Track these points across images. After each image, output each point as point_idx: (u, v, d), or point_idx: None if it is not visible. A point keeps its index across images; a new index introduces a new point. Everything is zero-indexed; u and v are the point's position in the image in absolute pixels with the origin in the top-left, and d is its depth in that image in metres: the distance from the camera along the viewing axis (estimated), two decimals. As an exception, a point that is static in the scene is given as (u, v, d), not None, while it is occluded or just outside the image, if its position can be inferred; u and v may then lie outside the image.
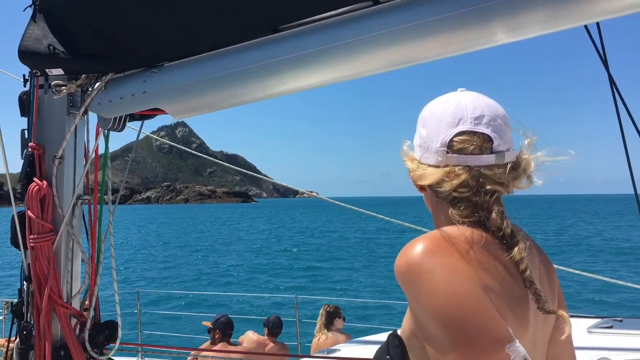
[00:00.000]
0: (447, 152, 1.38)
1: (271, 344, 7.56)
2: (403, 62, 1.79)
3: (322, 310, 7.66)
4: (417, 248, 1.25)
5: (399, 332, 1.41)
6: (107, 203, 2.55)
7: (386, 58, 1.79)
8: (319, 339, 7.40)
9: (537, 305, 1.31)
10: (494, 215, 1.34)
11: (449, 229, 1.34)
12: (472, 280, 1.20)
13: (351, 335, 7.68)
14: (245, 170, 6.80)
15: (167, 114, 2.28)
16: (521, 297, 1.31)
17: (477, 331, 1.14)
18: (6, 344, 7.77)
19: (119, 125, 2.42)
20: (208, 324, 7.38)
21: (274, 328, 7.70)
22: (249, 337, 7.68)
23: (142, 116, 2.45)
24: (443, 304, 1.17)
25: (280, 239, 60.24)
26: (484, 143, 1.38)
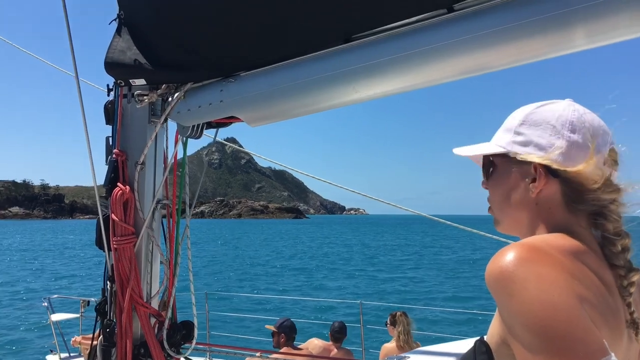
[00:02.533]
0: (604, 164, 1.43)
1: (335, 350, 7.63)
2: (476, 70, 1.80)
3: (396, 317, 7.65)
4: (510, 255, 1.25)
5: (485, 338, 1.42)
6: (184, 208, 2.69)
7: (460, 66, 1.80)
8: (392, 345, 7.43)
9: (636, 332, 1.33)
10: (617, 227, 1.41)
11: (544, 237, 1.36)
12: (567, 290, 1.20)
13: (420, 343, 7.65)
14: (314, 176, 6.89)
15: (242, 121, 2.39)
16: (615, 310, 1.30)
17: (572, 342, 1.12)
18: (82, 340, 8.24)
19: (196, 132, 2.55)
20: (271, 327, 7.54)
21: (337, 333, 7.77)
22: (314, 344, 7.78)
23: (219, 124, 2.56)
24: (536, 314, 1.16)
25: (340, 251, 60.40)
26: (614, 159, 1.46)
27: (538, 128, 1.48)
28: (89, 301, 10.69)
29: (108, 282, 2.64)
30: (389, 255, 50.84)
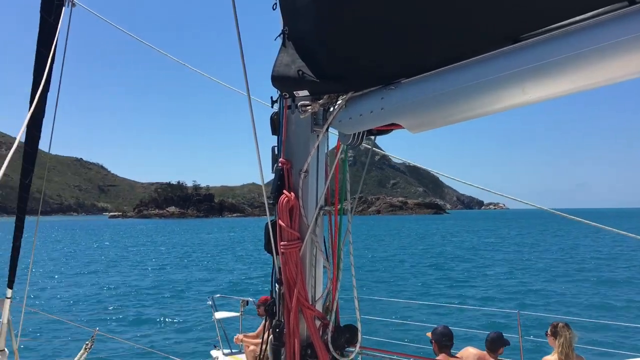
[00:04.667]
0: None
1: (491, 360, 7.39)
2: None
3: (557, 328, 7.23)
4: None
5: None
6: (346, 213, 2.80)
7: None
8: (553, 358, 7.05)
9: None
10: None
11: None
12: None
13: (583, 357, 7.18)
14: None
15: (403, 128, 2.43)
16: None
17: None
18: (243, 338, 8.77)
19: (357, 140, 2.65)
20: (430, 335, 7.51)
21: (494, 344, 7.53)
22: (469, 352, 7.60)
23: (379, 131, 2.63)
24: None
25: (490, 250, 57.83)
26: None
27: None
28: (247, 301, 11.44)
29: (276, 285, 2.84)
30: (544, 258, 47.69)
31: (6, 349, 5.92)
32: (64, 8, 4.95)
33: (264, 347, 2.98)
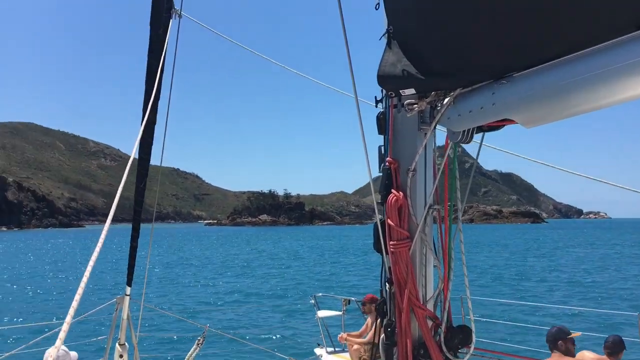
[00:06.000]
0: None
1: (609, 364, 6.97)
2: None
3: None
4: None
5: None
6: (456, 211, 2.78)
7: None
8: None
9: None
10: None
11: None
12: None
13: None
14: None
15: (515, 124, 2.38)
16: None
17: None
18: (347, 337, 8.85)
19: (466, 137, 2.61)
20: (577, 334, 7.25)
21: (612, 348, 7.09)
22: (586, 356, 7.23)
23: (490, 128, 2.59)
24: None
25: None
26: None
27: None
28: (349, 300, 11.55)
29: (386, 284, 2.87)
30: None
31: (126, 343, 6.38)
32: (171, 20, 5.26)
33: (373, 345, 3.02)
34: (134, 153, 4.08)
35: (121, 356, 6.23)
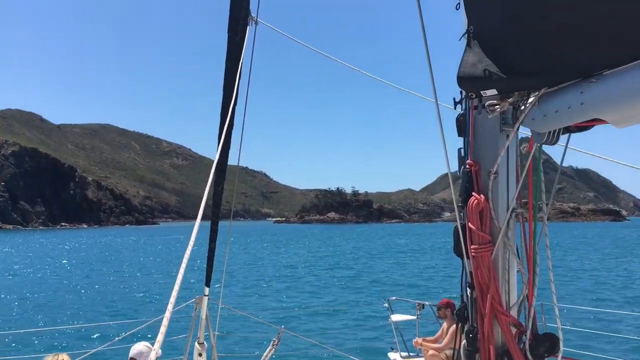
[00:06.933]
0: None
1: None
2: None
3: None
4: None
5: None
6: (541, 215, 2.73)
7: None
8: None
9: None
10: None
11: None
12: None
13: None
14: None
15: (606, 123, 2.31)
16: None
17: None
18: (423, 342, 8.80)
19: (552, 138, 2.56)
20: None
21: None
22: None
23: (578, 128, 2.53)
24: None
25: None
26: None
27: None
28: (424, 304, 11.44)
29: (467, 289, 2.85)
30: None
31: (205, 342, 6.62)
32: (248, 27, 5.43)
33: (455, 351, 3.01)
34: (217, 159, 4.25)
35: (200, 355, 6.47)
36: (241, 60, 5.13)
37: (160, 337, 2.09)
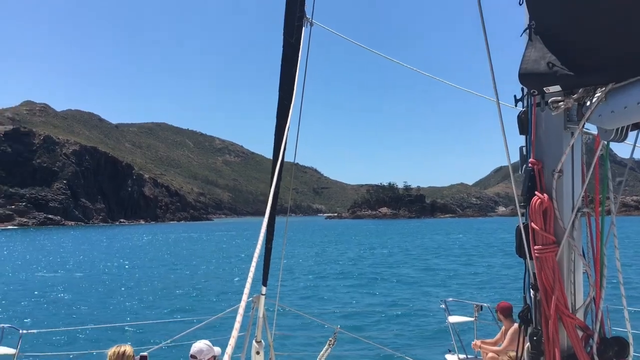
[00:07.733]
0: None
1: None
2: None
3: None
4: None
5: None
6: (609, 214, 2.68)
7: None
8: None
9: None
10: None
11: None
12: None
13: None
14: None
15: (679, 120, 2.25)
16: None
17: None
18: (481, 344, 8.66)
19: (620, 135, 2.51)
20: None
21: None
22: None
23: (648, 125, 2.46)
24: None
25: None
26: None
27: None
28: (482, 306, 11.26)
29: (531, 290, 2.82)
30: None
31: (262, 341, 6.75)
32: (303, 29, 5.49)
33: (518, 354, 2.98)
34: (280, 162, 4.34)
35: (258, 353, 6.60)
36: (297, 63, 5.18)
37: (232, 342, 2.17)
